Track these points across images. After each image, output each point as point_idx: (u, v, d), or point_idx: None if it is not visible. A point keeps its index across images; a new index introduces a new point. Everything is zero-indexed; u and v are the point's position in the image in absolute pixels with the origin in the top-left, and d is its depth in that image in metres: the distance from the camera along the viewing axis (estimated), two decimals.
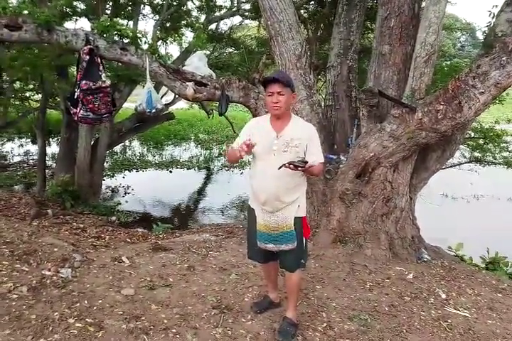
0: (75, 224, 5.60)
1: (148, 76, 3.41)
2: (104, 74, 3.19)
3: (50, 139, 11.65)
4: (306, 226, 2.58)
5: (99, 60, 3.19)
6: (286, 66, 4.37)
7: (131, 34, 3.28)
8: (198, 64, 3.70)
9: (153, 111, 3.51)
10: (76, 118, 3.35)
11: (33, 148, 11.83)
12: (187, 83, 3.57)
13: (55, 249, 3.36)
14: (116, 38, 3.38)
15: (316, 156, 2.42)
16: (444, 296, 3.50)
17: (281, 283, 2.98)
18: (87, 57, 3.15)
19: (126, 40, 3.36)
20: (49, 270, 2.96)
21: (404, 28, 4.25)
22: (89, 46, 3.19)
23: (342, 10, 4.96)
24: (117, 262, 3.39)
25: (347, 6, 4.92)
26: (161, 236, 5.14)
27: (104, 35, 3.25)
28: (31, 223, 4.83)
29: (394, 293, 3.46)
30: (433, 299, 3.41)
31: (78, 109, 3.26)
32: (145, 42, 3.39)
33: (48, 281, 2.85)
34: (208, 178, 11.54)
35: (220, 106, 3.79)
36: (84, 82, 3.12)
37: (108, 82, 3.18)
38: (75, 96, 3.24)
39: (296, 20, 4.39)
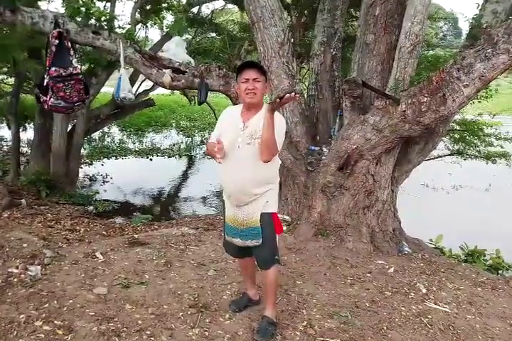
0: (49, 215, 5.42)
1: (122, 62, 3.22)
2: (75, 60, 2.99)
3: (27, 125, 11.24)
4: (277, 223, 2.49)
5: (69, 44, 2.99)
6: (268, 53, 4.24)
7: (103, 17, 3.07)
8: (175, 50, 3.52)
9: (120, 100, 3.32)
10: (46, 107, 3.15)
11: (8, 134, 11.43)
12: (164, 70, 3.40)
13: (24, 245, 3.20)
14: (89, 21, 3.17)
15: None
16: (424, 291, 3.48)
17: (260, 278, 2.90)
18: (57, 41, 2.94)
19: (98, 24, 3.16)
20: (16, 268, 2.81)
21: (390, 17, 4.15)
22: (58, 29, 2.97)
23: None
24: (91, 258, 3.25)
25: None
26: (138, 228, 5.00)
27: (75, 18, 3.04)
28: (1, 214, 4.64)
29: (375, 287, 3.43)
30: (413, 294, 3.39)
31: (48, 96, 3.06)
32: (119, 27, 3.19)
33: (15, 280, 2.71)
34: (189, 166, 11.36)
35: (200, 95, 3.63)
36: (53, 68, 2.92)
37: (79, 68, 2.97)
38: (45, 84, 3.04)
39: (279, 7, 4.24)
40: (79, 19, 3.06)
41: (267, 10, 4.14)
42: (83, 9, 2.94)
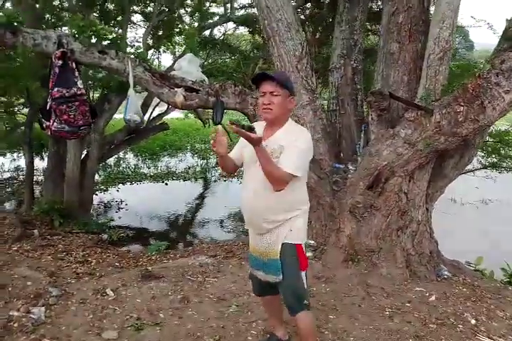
0: (60, 246, 5.15)
1: (131, 82, 3.00)
2: (80, 81, 2.78)
3: (44, 153, 11.20)
4: (302, 257, 2.14)
5: (74, 65, 2.78)
6: (286, 68, 3.98)
7: (110, 36, 2.87)
8: (188, 68, 3.30)
9: (128, 122, 3.07)
10: (50, 133, 2.93)
11: (25, 163, 11.39)
12: (176, 89, 3.17)
13: (29, 283, 2.92)
14: (93, 40, 2.97)
15: (282, 164, 1.99)
16: (473, 321, 3.09)
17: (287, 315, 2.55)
18: (60, 62, 2.74)
19: (105, 43, 2.96)
20: (18, 310, 2.52)
21: (414, 24, 3.89)
22: (61, 49, 2.78)
23: (344, 7, 4.59)
24: (100, 295, 2.95)
25: (349, 3, 4.55)
26: (153, 257, 4.69)
27: (80, 37, 2.84)
28: (10, 247, 4.39)
29: (417, 320, 3.05)
30: (462, 325, 3.01)
31: (52, 121, 2.84)
32: (127, 46, 2.97)
33: (15, 325, 2.41)
34: (205, 189, 11.09)
35: (215, 115, 3.37)
36: (56, 89, 2.70)
37: (84, 89, 2.75)
38: (48, 107, 2.82)
39: (296, 19, 4.01)
40: (83, 38, 2.84)
41: (283, 23, 3.91)
42: (88, 28, 2.73)
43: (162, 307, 2.84)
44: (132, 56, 3.03)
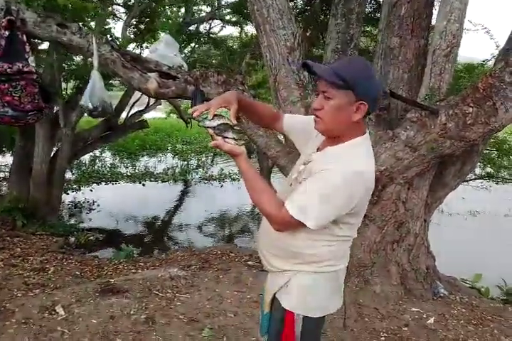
0: (18, 249, 4.64)
1: (95, 62, 2.56)
2: (32, 58, 2.32)
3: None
4: (289, 332, 1.51)
5: (24, 37, 2.33)
6: (276, 60, 3.59)
7: (72, 5, 2.41)
8: (164, 51, 2.86)
9: (84, 108, 2.60)
10: None
11: None
12: (149, 74, 2.74)
13: None
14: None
15: (290, 197, 1.39)
16: None
17: None
18: (7, 32, 2.28)
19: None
20: None
21: (417, 17, 3.53)
22: (9, 17, 2.31)
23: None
24: (48, 313, 2.48)
25: None
26: (120, 266, 4.20)
27: (33, 4, 2.39)
28: None
29: None
30: None
31: None
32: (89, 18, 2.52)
33: None
34: (184, 192, 10.61)
35: (194, 105, 2.94)
36: None
37: (33, 65, 2.28)
38: None
39: (288, 7, 3.63)
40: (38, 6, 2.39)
41: (274, 10, 3.52)
42: None
43: (121, 330, 2.40)
44: (96, 32, 2.57)
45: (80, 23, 2.58)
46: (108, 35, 2.68)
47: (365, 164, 1.40)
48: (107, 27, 2.61)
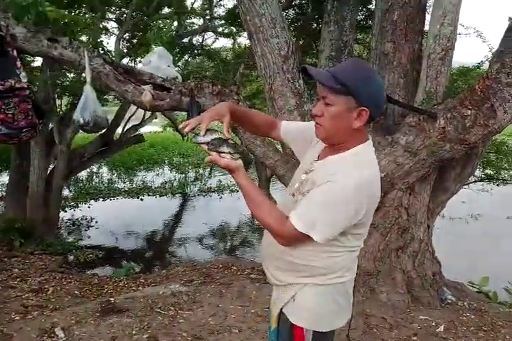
0: (16, 270, 4.54)
1: (88, 77, 2.52)
2: (23, 74, 2.28)
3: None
4: None
5: (15, 53, 2.29)
6: (270, 69, 3.58)
7: (62, 19, 2.38)
8: (158, 63, 2.84)
9: (76, 123, 2.55)
10: None
11: None
12: (143, 86, 2.70)
13: None
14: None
15: (295, 211, 1.33)
16: None
17: None
18: None
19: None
20: None
21: (410, 22, 3.53)
22: None
23: (332, 7, 4.22)
24: (48, 336, 2.40)
25: (337, 2, 4.20)
26: (120, 284, 4.11)
27: (22, 19, 2.36)
28: None
29: None
30: None
31: None
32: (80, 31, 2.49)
33: None
34: (183, 205, 10.53)
35: (190, 117, 2.90)
36: None
37: (25, 81, 2.24)
38: None
39: (281, 15, 3.63)
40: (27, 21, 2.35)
41: (266, 19, 3.51)
42: (33, 7, 2.24)
43: None
44: (88, 45, 2.54)
45: (71, 37, 2.54)
46: (100, 49, 2.63)
47: (370, 173, 1.36)
48: (98, 40, 2.57)
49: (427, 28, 3.66)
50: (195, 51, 6.64)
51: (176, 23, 8.45)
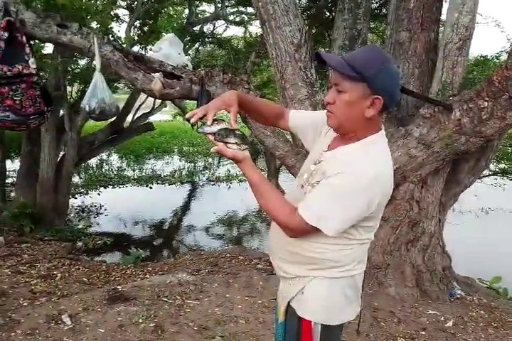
0: (25, 256, 4.59)
1: (97, 63, 2.49)
2: (32, 60, 2.24)
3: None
4: (307, 337, 1.42)
5: (24, 39, 2.26)
6: (282, 58, 3.51)
7: (71, 5, 2.34)
8: (168, 50, 2.79)
9: (84, 110, 2.52)
10: None
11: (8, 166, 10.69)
12: (153, 74, 2.66)
13: None
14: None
15: (304, 202, 1.30)
16: None
17: None
18: (6, 34, 2.21)
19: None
20: None
21: (427, 10, 3.43)
22: (7, 18, 2.24)
23: None
24: (55, 323, 2.42)
25: None
26: (128, 271, 4.13)
27: (31, 5, 2.32)
28: None
29: None
30: None
31: None
32: (90, 17, 2.44)
33: None
34: (191, 194, 10.54)
35: (199, 105, 2.86)
36: None
37: (33, 68, 2.20)
38: None
39: (294, 2, 3.54)
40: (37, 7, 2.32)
41: (279, 6, 3.44)
42: None
43: (129, 339, 2.32)
44: (98, 32, 2.50)
45: (81, 24, 2.49)
46: (110, 35, 2.59)
47: (382, 165, 1.32)
48: (108, 26, 2.52)
49: (443, 16, 3.57)
50: (206, 39, 6.54)
51: (186, 11, 8.41)
